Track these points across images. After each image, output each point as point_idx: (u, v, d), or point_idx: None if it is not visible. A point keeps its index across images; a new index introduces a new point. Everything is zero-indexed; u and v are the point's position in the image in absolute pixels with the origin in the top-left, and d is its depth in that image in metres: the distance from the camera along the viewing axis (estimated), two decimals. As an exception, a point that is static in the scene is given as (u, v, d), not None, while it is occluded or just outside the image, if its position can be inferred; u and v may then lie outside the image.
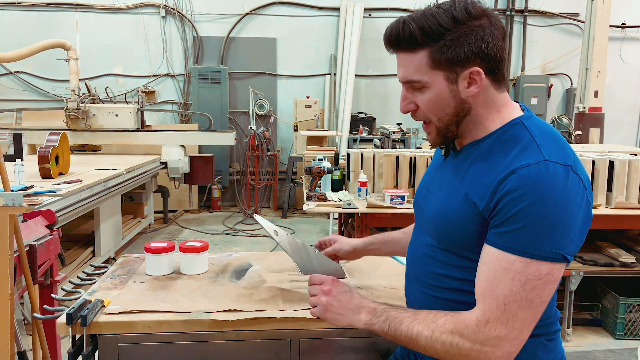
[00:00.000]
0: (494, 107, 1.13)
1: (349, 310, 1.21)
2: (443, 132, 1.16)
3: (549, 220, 0.99)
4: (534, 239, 1.00)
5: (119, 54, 7.46)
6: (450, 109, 1.12)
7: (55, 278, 2.31)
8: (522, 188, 1.00)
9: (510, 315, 1.02)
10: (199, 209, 7.43)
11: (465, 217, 1.11)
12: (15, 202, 1.88)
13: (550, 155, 1.02)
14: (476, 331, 1.04)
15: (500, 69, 1.11)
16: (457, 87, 1.10)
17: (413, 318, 1.12)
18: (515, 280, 1.01)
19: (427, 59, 1.08)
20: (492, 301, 1.03)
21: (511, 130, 1.11)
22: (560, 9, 7.84)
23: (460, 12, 1.05)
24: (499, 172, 1.05)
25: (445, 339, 1.06)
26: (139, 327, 1.34)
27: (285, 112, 7.74)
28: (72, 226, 4.71)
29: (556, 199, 0.99)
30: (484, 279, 1.06)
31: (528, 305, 1.01)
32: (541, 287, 1.01)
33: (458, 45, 1.06)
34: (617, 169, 3.31)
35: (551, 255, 1.00)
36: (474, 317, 1.05)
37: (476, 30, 1.06)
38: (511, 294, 1.01)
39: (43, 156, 3.83)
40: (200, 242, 1.73)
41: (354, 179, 3.77)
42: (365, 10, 7.43)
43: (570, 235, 1.01)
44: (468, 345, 1.04)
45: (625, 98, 8.03)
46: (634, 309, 3.41)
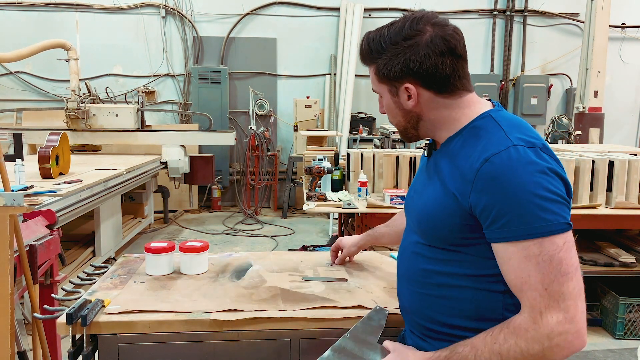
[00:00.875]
0: (452, 110, 1.19)
1: None
2: (403, 134, 1.28)
3: (537, 197, 1.02)
4: (534, 219, 1.02)
5: (119, 54, 7.46)
6: (400, 117, 1.24)
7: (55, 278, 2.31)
8: (498, 177, 1.04)
9: (557, 296, 1.02)
10: (199, 209, 7.43)
11: (447, 210, 1.14)
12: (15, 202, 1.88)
13: (517, 141, 1.07)
14: (537, 329, 1.02)
15: (444, 81, 1.16)
16: (398, 99, 1.21)
17: (475, 350, 1.08)
18: (541, 262, 1.02)
19: (374, 73, 1.22)
20: (533, 293, 1.03)
21: (479, 124, 1.16)
22: (560, 9, 7.84)
23: (397, 32, 1.16)
24: (472, 162, 1.09)
25: (515, 354, 1.04)
26: (139, 327, 1.34)
27: (285, 112, 7.74)
28: (72, 226, 4.71)
29: (534, 177, 1.03)
30: (513, 277, 1.06)
31: (566, 279, 1.02)
32: (566, 256, 1.03)
33: (390, 64, 1.17)
34: (617, 169, 3.31)
35: (557, 227, 1.03)
36: (526, 316, 1.04)
37: (404, 51, 1.15)
38: (545, 277, 1.02)
39: (43, 156, 3.83)
40: (200, 242, 1.73)
41: (354, 179, 3.77)
42: (365, 10, 7.43)
43: (562, 203, 1.05)
44: (538, 347, 1.02)
45: (625, 98, 8.03)
46: (633, 309, 3.41)
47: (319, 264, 1.83)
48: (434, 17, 1.17)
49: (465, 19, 7.74)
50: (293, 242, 5.80)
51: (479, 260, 1.14)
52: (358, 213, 3.37)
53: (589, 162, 3.32)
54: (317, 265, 1.81)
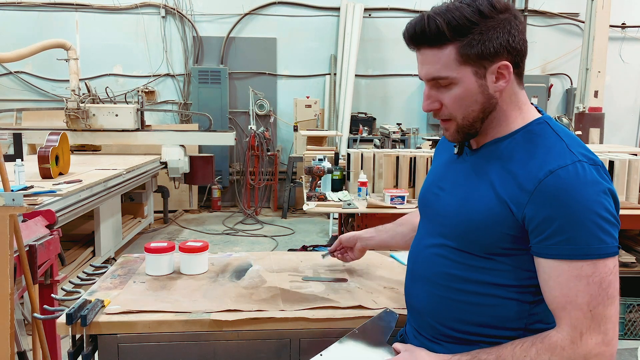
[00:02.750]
0: (516, 104, 1.13)
1: None
2: (466, 129, 1.13)
3: (599, 218, 1.00)
4: (593, 240, 1.00)
5: (119, 54, 7.46)
6: (478, 105, 1.10)
7: (55, 278, 2.31)
8: (564, 192, 1.00)
9: (600, 319, 1.01)
10: (199, 209, 7.43)
11: (496, 218, 1.08)
12: (15, 202, 1.88)
13: (582, 157, 1.04)
14: (575, 349, 1.01)
15: (523, 63, 1.11)
16: (485, 82, 1.08)
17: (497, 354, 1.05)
18: (591, 283, 1.00)
19: (455, 54, 1.06)
20: (577, 313, 1.01)
21: (537, 130, 1.11)
22: (560, 9, 7.84)
23: (485, 6, 1.04)
24: (533, 171, 1.04)
25: None
26: (139, 327, 1.34)
27: (285, 112, 7.74)
28: (72, 226, 4.71)
29: (593, 197, 1.00)
30: (559, 294, 1.03)
31: (610, 302, 1.01)
32: (614, 280, 1.02)
33: (487, 39, 1.04)
34: (617, 169, 3.31)
35: (612, 250, 1.01)
36: (565, 335, 1.02)
37: (503, 24, 1.05)
38: (593, 299, 1.01)
39: (43, 156, 3.83)
40: (200, 242, 1.73)
41: (354, 179, 3.77)
42: (365, 10, 7.42)
43: (616, 226, 1.03)
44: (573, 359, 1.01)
45: (625, 98, 8.03)
46: (634, 309, 3.41)
47: (319, 264, 1.83)
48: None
49: (465, 19, 7.73)
50: (293, 242, 5.80)
51: (514, 270, 1.10)
52: (358, 213, 3.36)
53: (589, 162, 3.31)
54: (317, 265, 1.81)
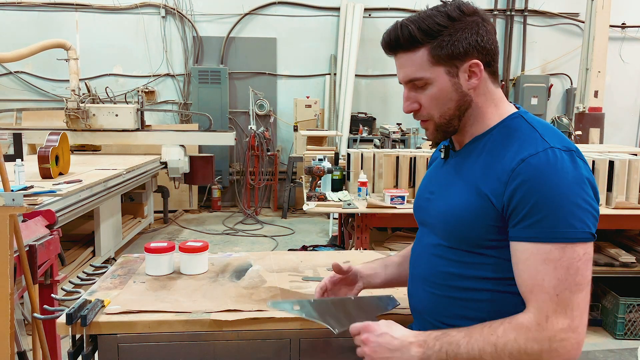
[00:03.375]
0: (492, 101, 1.18)
1: (396, 351, 1.13)
2: (444, 127, 1.18)
3: (570, 203, 1.02)
4: (562, 223, 1.02)
5: (119, 54, 7.46)
6: (453, 102, 1.15)
7: (55, 278, 2.31)
8: (535, 177, 1.03)
9: (566, 303, 1.02)
10: (199, 209, 7.43)
11: (478, 212, 1.11)
12: (15, 202, 1.88)
13: (554, 143, 1.07)
14: (540, 331, 1.02)
15: (495, 62, 1.17)
16: (458, 80, 1.14)
17: (469, 337, 1.07)
18: (558, 268, 1.02)
19: (427, 55, 1.12)
20: (544, 296, 1.03)
21: (512, 124, 1.15)
22: (560, 9, 7.84)
23: (453, 10, 1.12)
24: (507, 163, 1.08)
25: (512, 349, 1.03)
26: (139, 327, 1.34)
27: (285, 112, 7.74)
28: (72, 226, 4.71)
29: (569, 183, 1.03)
30: (527, 277, 1.05)
31: (578, 288, 1.03)
32: (583, 267, 1.04)
33: (456, 40, 1.11)
34: (617, 169, 3.31)
35: (582, 236, 1.03)
36: (532, 317, 1.04)
37: (471, 26, 1.12)
38: (560, 283, 1.02)
39: (43, 156, 3.83)
40: (200, 242, 1.73)
41: (354, 179, 3.77)
42: (365, 10, 7.42)
43: (591, 213, 1.05)
44: (537, 347, 1.02)
45: (625, 98, 8.02)
46: (634, 309, 3.41)
47: (319, 264, 1.83)
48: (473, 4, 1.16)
49: (465, 19, 7.73)
50: (293, 242, 5.80)
51: (503, 262, 1.12)
52: (358, 213, 3.36)
53: (589, 163, 3.31)
54: (317, 266, 1.81)
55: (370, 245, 3.45)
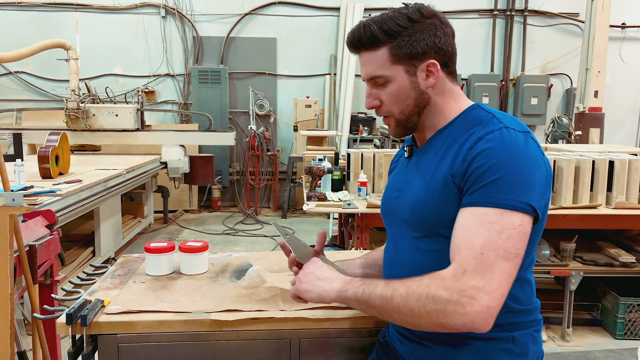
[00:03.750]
0: (451, 97, 1.23)
1: (321, 281, 1.22)
2: (404, 123, 1.24)
3: (516, 175, 1.05)
4: (504, 191, 1.05)
5: (119, 54, 7.46)
6: (412, 100, 1.21)
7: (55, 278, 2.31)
8: (488, 150, 1.08)
9: (488, 264, 1.01)
10: (199, 209, 7.43)
11: (444, 195, 1.14)
12: (15, 202, 1.88)
13: (509, 124, 1.13)
14: (453, 282, 1.02)
15: (453, 63, 1.23)
16: (416, 78, 1.19)
17: (389, 281, 1.13)
18: (492, 230, 1.03)
19: (388, 55, 1.18)
20: (468, 252, 1.04)
21: (472, 114, 1.20)
22: (560, 9, 7.84)
23: (414, 12, 1.17)
24: (467, 144, 1.12)
25: (421, 292, 1.04)
26: (139, 327, 1.34)
27: (285, 112, 7.74)
28: (72, 226, 4.71)
29: (519, 157, 1.07)
30: (459, 237, 1.07)
31: (505, 255, 1.03)
32: (516, 237, 1.04)
33: (415, 41, 1.16)
34: (617, 169, 3.31)
35: (522, 206, 1.05)
36: (450, 269, 1.05)
37: (429, 28, 1.17)
38: (488, 243, 1.03)
39: (43, 156, 3.83)
40: (200, 242, 1.73)
41: (354, 179, 3.77)
42: (365, 10, 7.42)
43: (536, 190, 1.07)
44: (446, 295, 1.01)
45: (625, 98, 8.03)
46: (634, 309, 3.41)
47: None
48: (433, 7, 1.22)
49: (465, 18, 7.74)
50: (293, 242, 5.79)
51: None
52: (358, 213, 3.36)
53: (589, 162, 3.32)
54: (317, 265, 1.80)
55: (370, 245, 3.44)
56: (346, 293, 1.17)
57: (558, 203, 3.29)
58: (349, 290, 1.17)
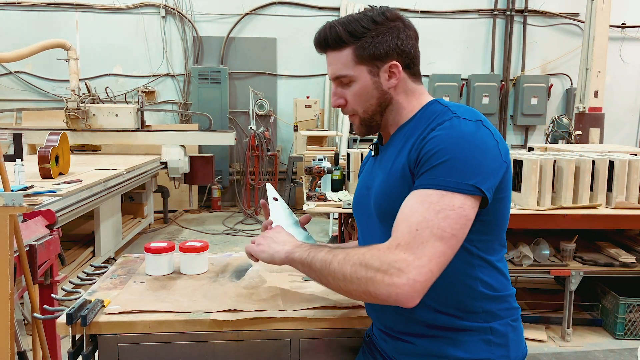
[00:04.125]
0: (413, 96, 1.27)
1: (275, 243, 1.29)
2: (367, 122, 1.28)
3: (461, 158, 1.08)
4: (448, 173, 1.07)
5: (119, 54, 7.46)
6: (374, 99, 1.25)
7: (55, 278, 2.31)
8: (437, 136, 1.12)
9: (421, 241, 1.04)
10: (199, 209, 7.43)
11: (404, 184, 1.16)
12: (15, 202, 1.88)
13: (461, 114, 1.15)
14: (386, 253, 1.06)
15: (416, 65, 1.26)
16: (379, 79, 1.23)
17: (334, 248, 1.17)
18: (430, 209, 1.06)
19: (352, 55, 1.22)
20: (404, 227, 1.07)
21: (429, 108, 1.24)
22: (560, 9, 7.84)
23: (378, 15, 1.21)
24: (422, 135, 1.16)
25: (355, 260, 1.08)
26: (139, 327, 1.34)
27: (285, 112, 7.74)
28: (72, 226, 4.71)
29: (467, 142, 1.10)
30: (401, 214, 1.10)
31: (439, 233, 1.05)
32: (454, 218, 1.06)
33: (377, 42, 1.20)
34: (617, 169, 3.31)
35: (465, 188, 1.07)
36: (387, 243, 1.08)
37: (392, 30, 1.21)
38: (424, 220, 1.05)
39: (43, 156, 3.83)
40: (200, 242, 1.73)
41: (354, 179, 3.77)
42: (365, 10, 7.42)
43: (483, 173, 1.09)
44: (376, 264, 1.05)
45: (625, 98, 8.03)
46: (634, 309, 3.41)
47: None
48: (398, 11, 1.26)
49: (465, 19, 7.74)
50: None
51: None
52: (358, 213, 3.36)
53: (589, 162, 3.32)
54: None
55: (370, 245, 3.44)
56: (293, 255, 1.22)
57: (558, 203, 3.29)
58: (296, 253, 1.22)
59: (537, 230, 3.60)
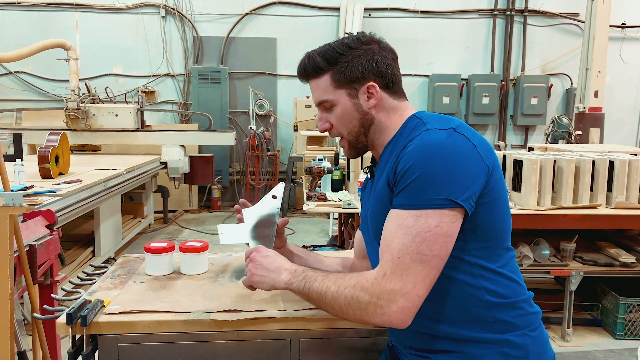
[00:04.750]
0: (395, 113, 1.29)
1: (271, 272, 1.31)
2: (354, 143, 1.32)
3: (431, 173, 1.09)
4: (420, 191, 1.09)
5: (119, 54, 7.46)
6: (356, 120, 1.28)
7: (55, 278, 2.31)
8: (408, 153, 1.14)
9: (404, 268, 1.08)
10: (199, 209, 7.43)
11: (387, 203, 1.19)
12: (15, 202, 1.88)
13: (432, 125, 1.17)
14: (374, 284, 1.11)
15: (395, 84, 1.29)
16: (358, 100, 1.27)
17: (326, 276, 1.21)
18: (407, 234, 1.09)
19: (330, 80, 1.27)
20: (388, 255, 1.11)
21: (409, 124, 1.26)
22: (560, 9, 7.84)
23: (352, 41, 1.27)
24: (398, 153, 1.18)
25: (347, 293, 1.14)
26: (139, 327, 1.34)
27: (285, 112, 7.74)
28: (72, 226, 4.71)
29: (438, 153, 1.10)
30: (384, 239, 1.14)
31: (419, 258, 1.08)
32: (431, 240, 1.08)
33: (353, 66, 1.25)
34: (617, 169, 3.31)
35: (438, 203, 1.08)
36: (374, 272, 1.13)
37: (367, 53, 1.25)
38: (403, 247, 1.09)
39: (43, 156, 3.83)
40: (200, 242, 1.73)
41: (354, 179, 3.77)
42: (365, 10, 7.42)
43: (457, 182, 1.09)
44: (367, 298, 1.11)
45: (625, 98, 8.03)
46: (634, 309, 3.41)
47: (319, 264, 1.82)
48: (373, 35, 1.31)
49: (465, 19, 7.74)
50: (293, 242, 5.78)
51: None
52: (358, 213, 3.36)
53: (589, 162, 3.32)
54: (317, 265, 1.80)
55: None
56: (292, 285, 1.27)
57: (558, 203, 3.29)
58: (293, 283, 1.26)
59: (537, 230, 3.60)
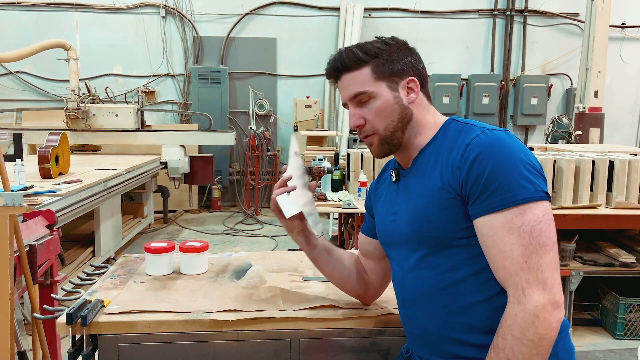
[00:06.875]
0: (429, 113, 1.29)
1: None
2: (389, 139, 1.26)
3: (518, 167, 1.08)
4: (516, 186, 1.07)
5: (119, 54, 7.46)
6: (396, 114, 1.24)
7: (55, 278, 2.31)
8: (481, 154, 1.11)
9: (536, 268, 1.05)
10: (199, 209, 7.42)
11: (442, 205, 1.16)
12: (15, 202, 1.88)
13: (487, 127, 1.17)
14: (523, 309, 1.04)
15: (426, 87, 1.30)
16: (398, 94, 1.25)
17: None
18: (522, 234, 1.06)
19: (371, 72, 1.24)
20: (515, 267, 1.06)
21: (450, 127, 1.24)
22: (560, 9, 7.84)
23: (388, 39, 1.27)
24: (456, 152, 1.15)
25: (518, 350, 1.04)
26: (139, 327, 1.34)
27: (285, 112, 7.74)
28: (72, 226, 4.71)
29: (512, 151, 1.11)
30: (497, 252, 1.08)
31: (544, 251, 1.06)
32: (546, 229, 1.07)
33: (394, 60, 1.24)
34: (617, 169, 3.31)
35: (538, 195, 1.08)
36: (511, 298, 1.06)
37: (404, 49, 1.27)
38: (526, 249, 1.05)
39: (43, 156, 3.83)
40: (200, 242, 1.73)
41: (354, 179, 3.77)
42: (365, 10, 7.42)
43: (540, 175, 1.11)
44: (531, 330, 1.03)
45: (625, 98, 8.03)
46: (634, 309, 3.41)
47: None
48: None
49: (465, 19, 7.74)
50: (293, 242, 5.78)
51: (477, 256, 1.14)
52: (358, 213, 3.36)
53: (589, 162, 3.32)
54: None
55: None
56: None
57: (558, 203, 3.29)
58: None
59: (537, 230, 3.59)
